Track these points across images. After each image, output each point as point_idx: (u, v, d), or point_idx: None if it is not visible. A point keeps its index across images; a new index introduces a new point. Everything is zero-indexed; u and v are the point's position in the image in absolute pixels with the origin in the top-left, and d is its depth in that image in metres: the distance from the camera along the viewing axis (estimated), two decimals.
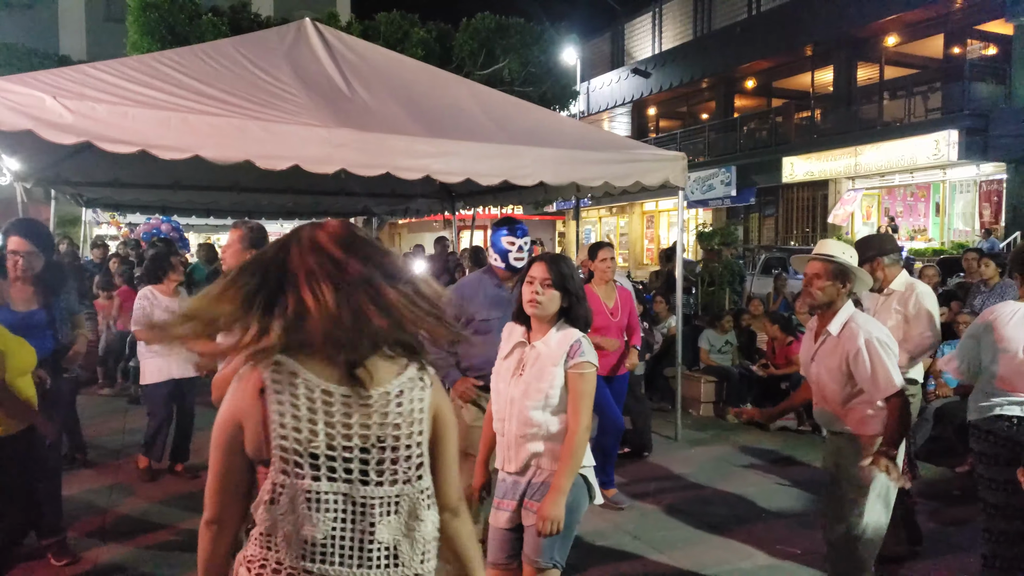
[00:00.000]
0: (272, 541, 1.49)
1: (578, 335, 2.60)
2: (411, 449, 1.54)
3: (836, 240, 3.35)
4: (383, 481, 1.51)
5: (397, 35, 14.41)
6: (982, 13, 16.60)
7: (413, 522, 1.55)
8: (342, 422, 1.47)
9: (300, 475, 1.45)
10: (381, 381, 1.50)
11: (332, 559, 1.49)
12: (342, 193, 8.90)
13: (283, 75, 4.86)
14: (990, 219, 16.52)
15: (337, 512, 1.48)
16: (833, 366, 3.01)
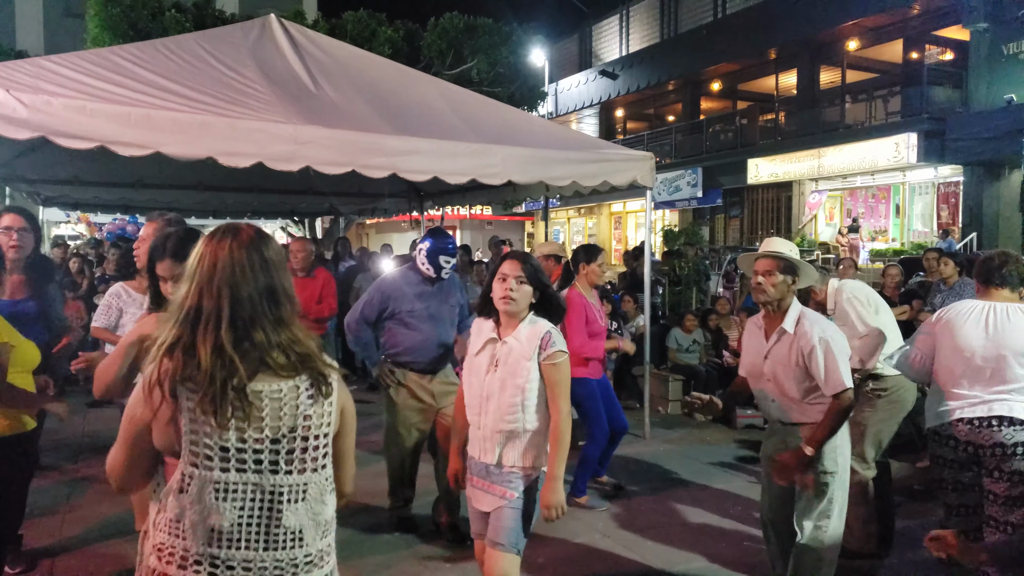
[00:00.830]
0: (180, 528, 1.56)
1: (548, 327, 2.67)
2: (319, 440, 1.64)
3: (781, 239, 3.44)
4: (292, 470, 1.60)
5: (364, 34, 14.27)
6: (939, 19, 17.00)
7: (318, 507, 1.65)
8: (255, 415, 1.55)
9: (209, 467, 1.53)
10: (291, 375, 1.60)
11: (239, 544, 1.57)
12: (308, 192, 8.79)
13: (248, 71, 4.78)
14: (948, 220, 16.93)
15: (245, 501, 1.56)
16: (790, 363, 3.08)
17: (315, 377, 1.63)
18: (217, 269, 1.58)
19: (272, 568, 1.60)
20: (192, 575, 1.55)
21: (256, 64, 4.89)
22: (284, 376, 1.59)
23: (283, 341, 1.60)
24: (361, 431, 1.94)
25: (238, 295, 1.57)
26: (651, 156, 6.25)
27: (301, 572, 1.64)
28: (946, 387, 3.08)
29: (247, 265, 1.60)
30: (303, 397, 1.61)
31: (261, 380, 1.57)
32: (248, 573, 1.58)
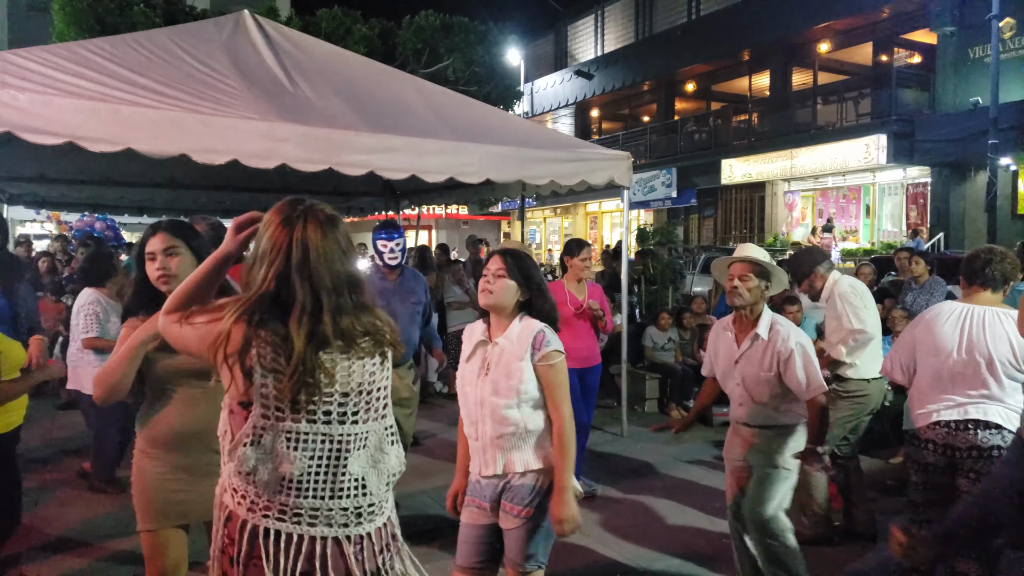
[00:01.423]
0: (253, 479, 1.65)
1: (540, 326, 2.52)
2: (381, 391, 1.79)
3: (755, 245, 3.51)
4: (357, 420, 1.73)
5: (339, 31, 14.17)
6: (908, 23, 17.31)
7: (379, 455, 1.78)
8: (329, 378, 1.67)
9: (281, 418, 1.64)
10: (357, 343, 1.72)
11: (307, 493, 1.67)
12: (283, 190, 8.67)
13: (221, 67, 4.70)
14: (916, 220, 17.24)
15: (315, 449, 1.67)
16: (764, 368, 3.15)
17: (377, 338, 1.77)
18: (304, 255, 1.66)
19: (338, 515, 1.70)
20: (261, 518, 1.65)
21: (230, 60, 4.81)
22: (359, 349, 1.73)
23: (367, 327, 1.74)
24: None
25: (325, 284, 1.67)
26: (628, 156, 6.27)
27: (365, 519, 1.74)
28: (924, 389, 3.09)
29: (332, 252, 1.69)
30: (367, 360, 1.76)
31: (334, 348, 1.68)
32: (315, 520, 1.67)
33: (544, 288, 2.60)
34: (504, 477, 2.51)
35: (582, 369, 4.99)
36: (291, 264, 1.65)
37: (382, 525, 1.79)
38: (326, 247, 1.68)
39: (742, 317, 3.26)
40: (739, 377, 3.22)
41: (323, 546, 1.67)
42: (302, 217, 1.69)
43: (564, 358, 2.52)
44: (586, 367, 4.99)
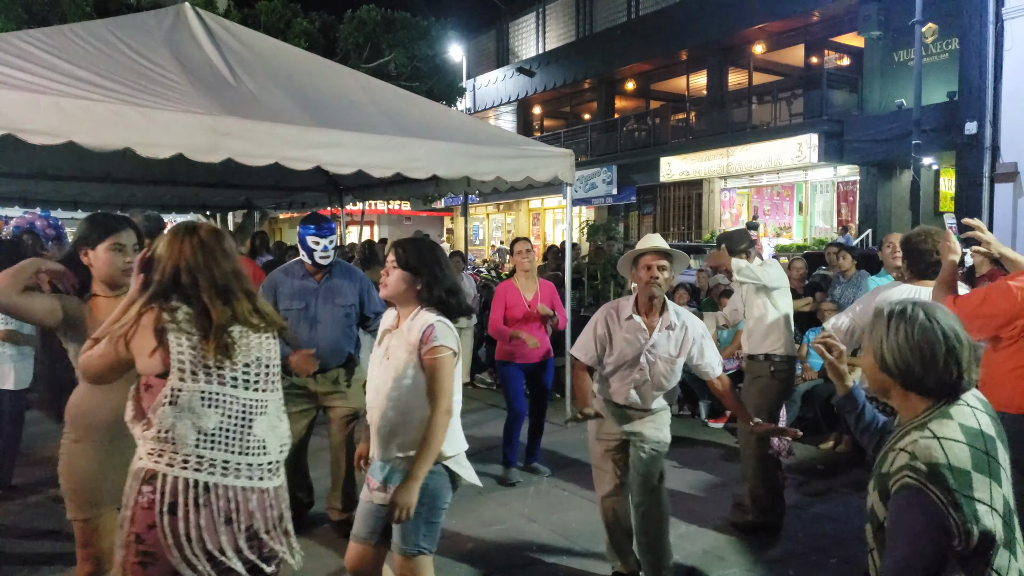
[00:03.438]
0: (170, 435, 1.97)
1: (433, 320, 2.53)
2: (275, 367, 2.19)
3: (658, 234, 3.72)
4: (258, 388, 2.11)
5: (279, 25, 13.94)
6: (837, 26, 17.99)
7: (275, 421, 2.16)
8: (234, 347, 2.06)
9: (196, 379, 2.00)
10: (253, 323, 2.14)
11: (220, 446, 2.01)
12: (223, 185, 8.53)
13: (163, 60, 4.62)
14: (846, 217, 17.96)
15: (225, 408, 2.03)
16: (675, 353, 3.36)
17: (269, 325, 2.19)
18: (196, 253, 2.08)
19: (245, 469, 2.05)
20: (180, 470, 1.97)
21: (171, 53, 4.72)
22: (254, 327, 2.13)
23: (255, 307, 2.15)
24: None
25: (218, 274, 2.09)
26: (571, 153, 6.40)
27: (266, 476, 2.10)
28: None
29: (217, 252, 2.11)
30: (263, 336, 2.16)
31: (235, 325, 2.09)
32: (226, 471, 2.02)
33: (439, 275, 2.58)
34: (390, 461, 2.60)
35: (533, 366, 5.12)
36: (187, 260, 2.06)
37: (278, 486, 2.15)
38: (213, 248, 2.11)
39: (650, 304, 3.38)
40: (645, 363, 3.36)
41: (235, 493, 2.02)
42: (191, 230, 2.13)
43: (451, 354, 2.52)
44: (535, 362, 5.13)
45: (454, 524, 4.35)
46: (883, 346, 1.71)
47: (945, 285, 2.99)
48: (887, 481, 1.63)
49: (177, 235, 2.13)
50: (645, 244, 3.43)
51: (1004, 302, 2.74)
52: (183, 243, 2.10)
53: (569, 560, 3.90)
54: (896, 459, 1.63)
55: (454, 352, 2.54)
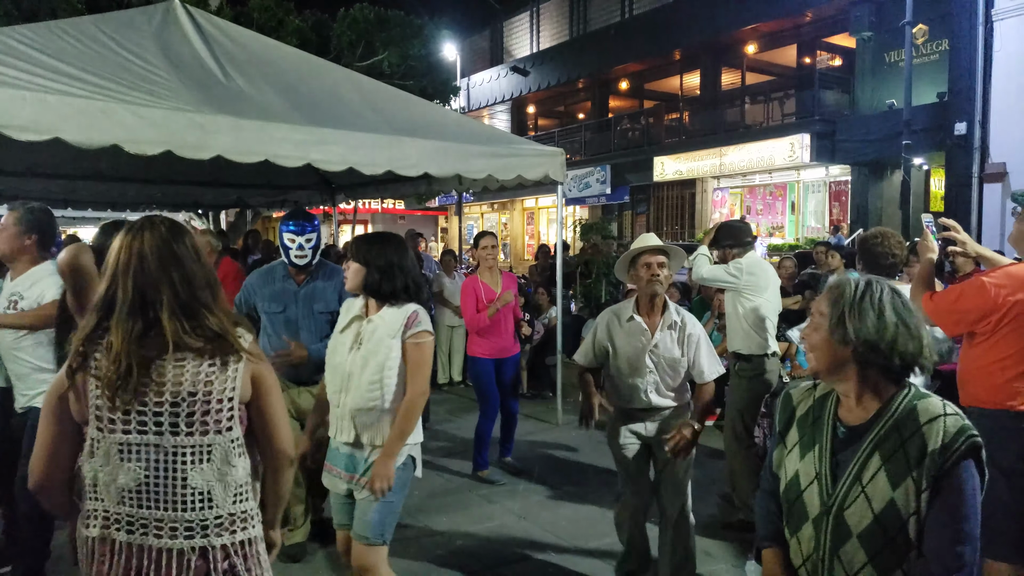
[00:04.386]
0: (96, 491, 1.71)
1: (415, 307, 2.68)
2: (222, 403, 1.74)
3: (652, 233, 3.73)
4: (193, 431, 1.71)
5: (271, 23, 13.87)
6: (829, 27, 18.05)
7: (225, 467, 1.75)
8: (156, 384, 1.68)
9: (112, 429, 1.68)
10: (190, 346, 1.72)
11: (147, 503, 1.69)
12: (214, 183, 8.51)
13: (152, 57, 4.60)
14: (838, 217, 18.03)
15: (146, 460, 1.69)
16: (677, 352, 3.32)
17: (222, 347, 1.75)
18: (130, 262, 1.72)
19: (183, 528, 1.70)
20: (114, 533, 1.69)
21: (161, 50, 4.71)
22: (194, 352, 1.72)
23: (198, 323, 1.73)
24: None
25: (146, 284, 1.71)
26: (562, 152, 6.42)
27: (212, 534, 1.73)
28: None
29: (158, 257, 1.73)
30: (204, 366, 1.72)
31: (167, 355, 1.70)
32: (160, 532, 1.69)
33: (392, 269, 2.67)
34: (360, 449, 2.67)
35: (498, 360, 5.15)
36: (118, 266, 1.73)
37: (238, 543, 1.77)
38: (161, 250, 1.74)
39: (651, 304, 3.35)
40: (650, 363, 3.31)
41: (168, 558, 1.69)
42: (143, 227, 1.77)
43: (432, 339, 2.69)
44: (502, 358, 5.16)
45: (444, 522, 4.36)
46: (850, 319, 1.65)
47: (922, 282, 3.02)
48: (944, 456, 1.57)
49: (126, 235, 1.77)
50: (641, 243, 3.41)
51: (979, 298, 2.76)
52: (126, 248, 1.75)
53: (559, 558, 3.91)
54: (941, 430, 1.59)
55: (433, 336, 2.70)
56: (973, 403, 2.86)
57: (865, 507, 1.64)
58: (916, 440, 1.61)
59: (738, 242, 4.38)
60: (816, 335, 1.73)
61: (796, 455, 1.82)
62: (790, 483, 1.82)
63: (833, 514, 1.69)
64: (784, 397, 1.94)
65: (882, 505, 1.62)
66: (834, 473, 1.72)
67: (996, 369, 2.76)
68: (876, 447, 1.66)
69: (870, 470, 1.65)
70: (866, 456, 1.66)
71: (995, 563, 2.82)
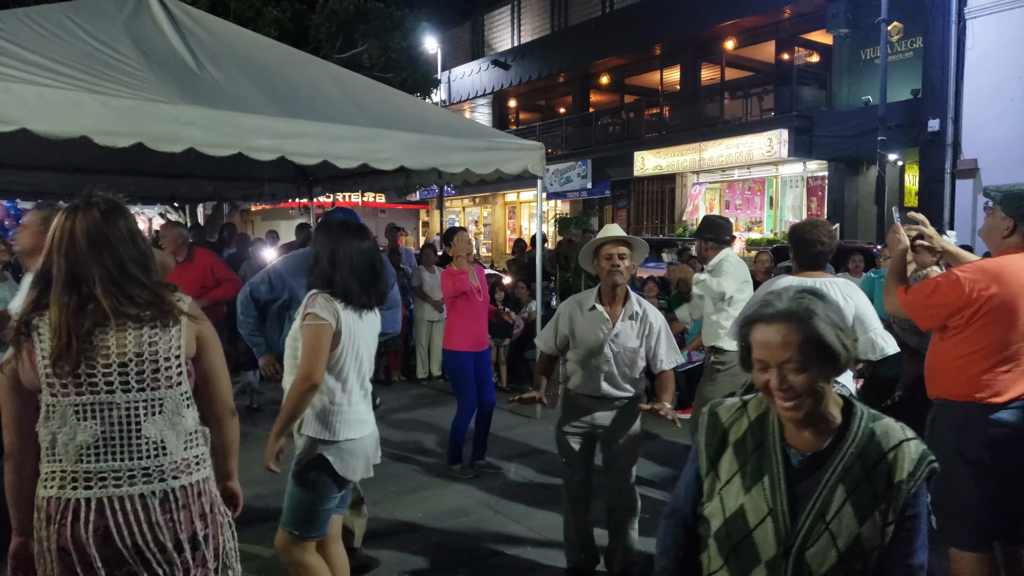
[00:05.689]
0: (54, 453, 1.82)
1: (315, 291, 2.69)
2: (170, 361, 1.91)
3: (616, 224, 3.74)
4: (144, 387, 1.87)
5: (248, 13, 13.72)
6: (807, 23, 18.18)
7: (176, 418, 1.92)
8: (101, 350, 1.82)
9: (66, 393, 1.81)
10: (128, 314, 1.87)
11: (105, 456, 1.83)
12: (189, 176, 8.40)
13: (122, 47, 4.52)
14: (815, 211, 18.18)
15: (103, 416, 1.83)
16: (636, 342, 3.39)
17: (161, 311, 1.91)
18: (63, 240, 1.85)
19: (141, 475, 1.85)
20: (71, 492, 1.80)
21: (132, 40, 4.63)
22: (131, 318, 1.86)
23: (131, 293, 1.88)
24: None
25: (76, 263, 1.84)
26: (541, 146, 6.40)
27: (168, 478, 1.89)
28: None
29: (87, 237, 1.85)
30: (146, 329, 1.88)
31: (107, 323, 1.84)
32: (119, 481, 1.83)
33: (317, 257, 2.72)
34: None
35: (476, 352, 5.16)
36: (53, 244, 1.86)
37: (191, 484, 1.93)
38: (94, 228, 1.86)
39: (612, 294, 3.41)
40: (609, 352, 3.38)
41: (132, 504, 1.83)
42: (77, 208, 1.89)
43: (323, 324, 2.59)
44: (479, 351, 5.18)
45: (419, 516, 4.36)
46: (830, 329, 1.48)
47: (896, 275, 3.05)
48: (907, 484, 1.46)
49: (63, 214, 1.90)
50: (604, 234, 3.47)
51: (953, 292, 2.80)
52: (61, 227, 1.88)
53: (533, 551, 3.92)
54: (906, 457, 1.47)
55: (329, 324, 2.60)
56: (944, 395, 2.91)
57: (829, 545, 1.48)
58: (882, 469, 1.47)
59: (717, 238, 4.46)
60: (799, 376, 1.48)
61: (737, 487, 1.58)
62: (732, 520, 1.57)
63: (794, 555, 1.49)
64: (710, 417, 1.68)
65: (848, 542, 1.47)
66: (793, 509, 1.51)
67: (967, 362, 2.81)
68: (840, 479, 1.49)
69: (834, 504, 1.48)
70: (830, 489, 1.49)
71: (961, 552, 2.87)
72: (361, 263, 2.71)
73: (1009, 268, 2.78)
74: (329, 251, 2.69)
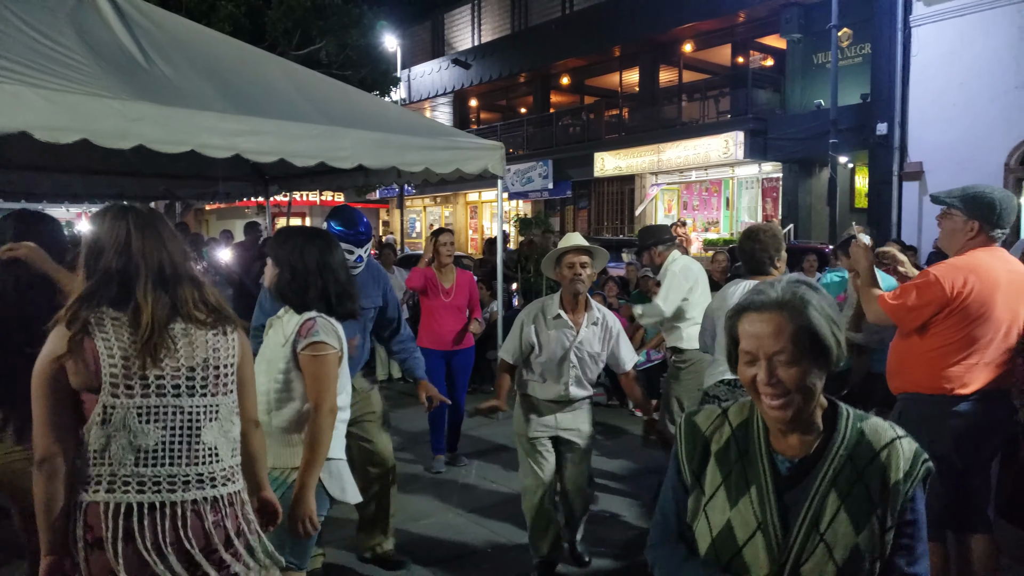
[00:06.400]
0: (106, 456, 1.76)
1: (312, 314, 2.41)
2: (227, 368, 1.94)
3: (578, 232, 3.83)
4: (206, 393, 1.88)
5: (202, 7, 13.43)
6: (761, 28, 18.52)
7: (228, 425, 1.94)
8: (174, 350, 1.83)
9: (131, 395, 1.77)
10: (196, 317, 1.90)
11: (164, 461, 1.80)
12: (139, 174, 8.18)
13: (66, 40, 4.35)
14: (770, 212, 18.54)
15: (167, 421, 1.81)
16: (599, 347, 3.47)
17: (221, 319, 1.94)
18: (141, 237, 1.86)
19: (195, 480, 1.84)
20: (121, 495, 1.75)
21: (76, 33, 4.45)
22: (199, 323, 1.89)
23: (201, 297, 1.92)
24: None
25: (165, 257, 1.88)
26: (501, 146, 6.38)
27: (219, 484, 1.89)
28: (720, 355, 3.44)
29: (162, 234, 1.90)
30: (210, 334, 1.90)
31: (177, 322, 1.86)
32: (173, 487, 1.81)
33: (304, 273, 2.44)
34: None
35: (447, 352, 5.15)
36: (131, 245, 1.85)
37: (235, 492, 1.94)
38: (157, 229, 1.91)
39: (574, 301, 3.45)
40: (574, 359, 3.45)
41: (184, 510, 1.81)
42: (129, 211, 1.91)
43: (336, 353, 2.37)
44: (451, 350, 5.16)
45: None
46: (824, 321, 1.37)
47: (870, 285, 3.11)
48: (903, 486, 1.36)
49: (116, 217, 1.88)
50: (567, 243, 3.50)
51: (934, 291, 2.85)
52: (124, 226, 1.86)
53: (496, 553, 3.90)
54: (901, 456, 1.37)
55: (338, 352, 2.39)
56: (913, 389, 2.96)
57: (826, 558, 1.35)
58: (875, 470, 1.37)
59: (658, 240, 4.65)
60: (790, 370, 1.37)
61: (723, 501, 1.45)
62: (719, 538, 1.44)
63: (788, 572, 1.37)
64: (687, 426, 1.55)
65: (846, 554, 1.35)
66: (784, 520, 1.39)
67: (939, 355, 2.87)
68: (832, 483, 1.38)
69: (828, 512, 1.37)
70: (822, 495, 1.38)
71: None
72: (345, 270, 2.55)
73: (981, 262, 2.85)
74: (328, 266, 2.47)
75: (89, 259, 1.86)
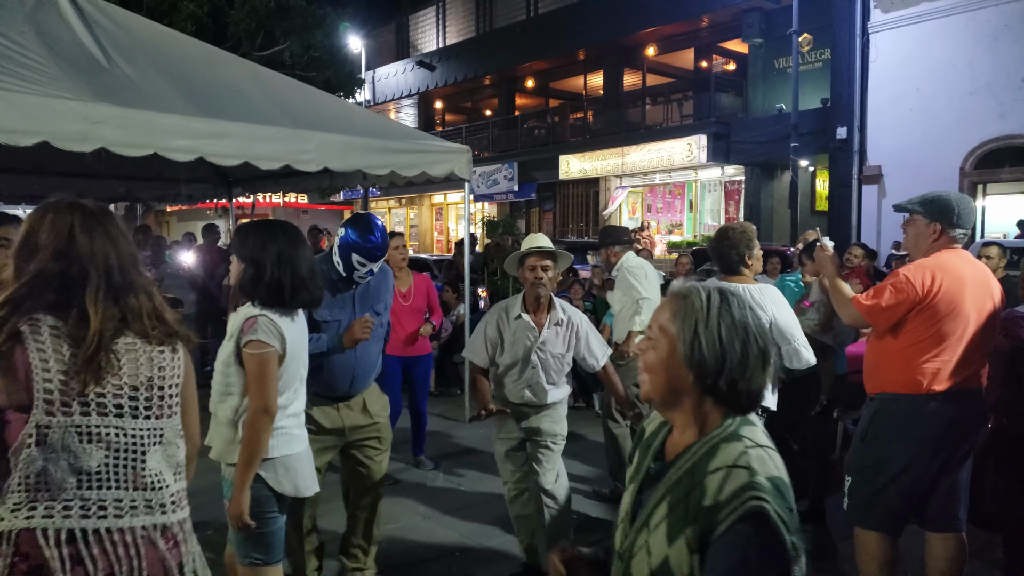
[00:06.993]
0: (41, 481, 1.58)
1: (257, 312, 2.40)
2: (172, 389, 1.78)
3: (543, 234, 3.88)
4: (151, 415, 1.73)
5: (163, 7, 13.19)
6: (724, 32, 18.84)
7: (172, 449, 1.79)
8: (116, 366, 1.66)
9: (68, 412, 1.60)
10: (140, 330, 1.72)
11: (108, 484, 1.65)
12: (99, 176, 8.02)
13: (26, 40, 4.27)
14: (733, 215, 18.85)
15: (110, 442, 1.65)
16: (564, 346, 3.47)
17: (170, 335, 1.77)
18: (88, 237, 1.67)
19: (143, 506, 1.69)
20: (61, 521, 1.58)
21: (36, 34, 4.38)
22: (147, 338, 1.72)
23: (153, 309, 1.75)
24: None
25: (115, 259, 1.69)
26: (468, 149, 6.41)
27: (169, 511, 1.74)
28: None
29: (113, 233, 1.72)
30: (156, 351, 1.74)
31: (124, 336, 1.69)
32: (120, 511, 1.65)
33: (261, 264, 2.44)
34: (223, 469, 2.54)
35: (404, 358, 5.11)
36: (76, 247, 1.65)
37: (184, 519, 1.79)
38: (107, 230, 1.71)
39: (537, 303, 3.46)
40: (536, 360, 3.44)
41: (134, 536, 1.66)
42: (75, 207, 1.70)
43: (273, 352, 2.36)
44: (408, 356, 5.13)
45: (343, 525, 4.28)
46: (701, 333, 1.34)
47: (840, 289, 3.19)
48: (716, 514, 1.25)
49: (60, 213, 1.67)
50: (529, 244, 3.49)
51: (905, 290, 2.93)
52: (67, 225, 1.66)
53: (463, 558, 3.92)
54: (724, 481, 1.27)
55: (276, 350, 2.38)
56: (890, 388, 3.03)
57: (644, 561, 1.37)
58: (698, 490, 1.30)
59: (616, 240, 4.82)
60: (653, 354, 1.40)
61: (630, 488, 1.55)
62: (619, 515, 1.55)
63: (624, 560, 1.43)
64: (639, 434, 1.62)
65: (657, 562, 1.34)
66: (634, 513, 1.45)
67: (912, 353, 2.95)
68: (668, 492, 1.36)
69: (656, 517, 1.36)
70: (657, 500, 1.38)
71: (866, 531, 3.03)
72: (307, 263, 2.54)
73: (946, 261, 2.96)
74: (275, 254, 2.44)
75: (20, 257, 1.64)
